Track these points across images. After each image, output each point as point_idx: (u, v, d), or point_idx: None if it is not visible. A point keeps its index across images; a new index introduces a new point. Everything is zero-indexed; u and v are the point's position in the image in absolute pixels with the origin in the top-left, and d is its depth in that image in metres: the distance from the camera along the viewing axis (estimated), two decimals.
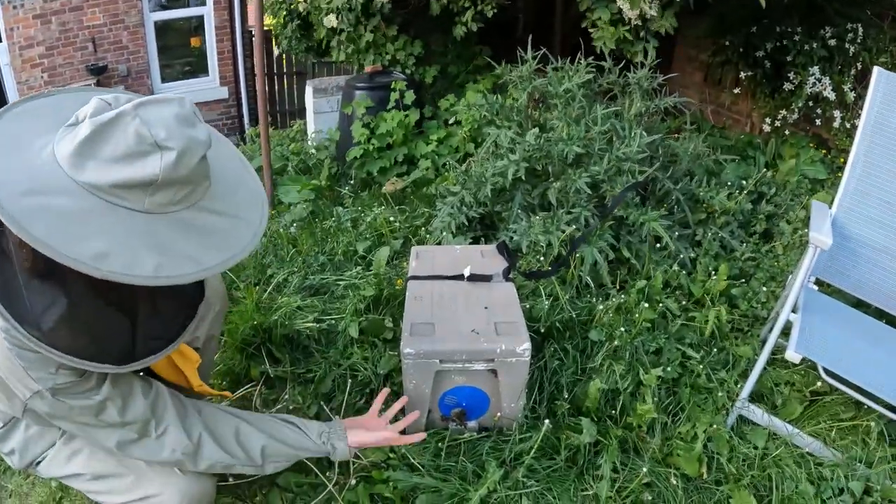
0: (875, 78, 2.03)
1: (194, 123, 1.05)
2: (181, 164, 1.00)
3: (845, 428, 1.98)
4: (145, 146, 0.97)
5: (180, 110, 1.03)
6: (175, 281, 1.01)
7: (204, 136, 1.05)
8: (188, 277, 1.03)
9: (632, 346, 2.14)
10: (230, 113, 8.19)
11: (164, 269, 0.99)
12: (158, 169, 0.98)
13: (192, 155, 1.01)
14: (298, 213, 3.45)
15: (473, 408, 1.97)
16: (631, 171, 2.48)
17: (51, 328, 1.06)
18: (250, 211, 1.19)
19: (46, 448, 1.41)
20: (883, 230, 2.04)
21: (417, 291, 2.08)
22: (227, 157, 1.25)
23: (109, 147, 0.97)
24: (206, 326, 1.65)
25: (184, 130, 1.01)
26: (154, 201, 1.01)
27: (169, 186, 1.01)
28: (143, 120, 0.97)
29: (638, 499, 1.80)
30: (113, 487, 1.41)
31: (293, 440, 1.50)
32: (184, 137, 1.00)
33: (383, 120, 3.84)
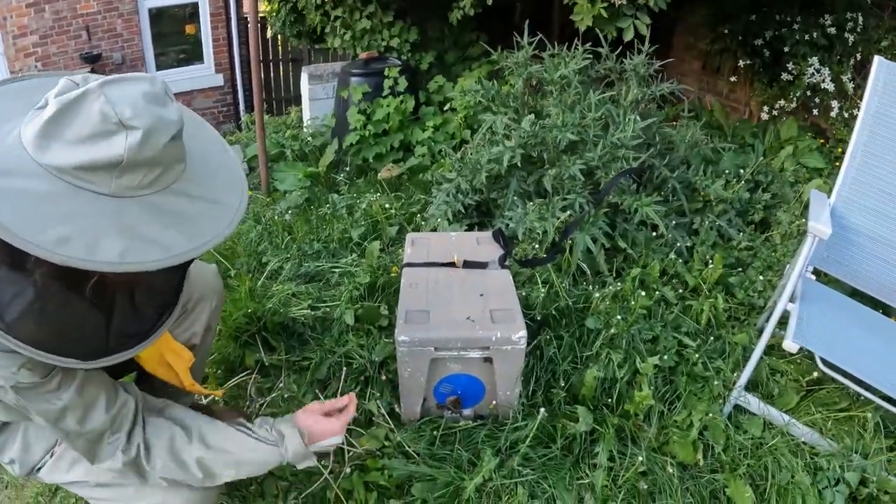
0: (875, 67, 2.02)
1: (164, 103, 1.00)
2: (147, 145, 0.94)
3: (841, 418, 1.98)
4: (110, 125, 0.92)
5: (150, 88, 0.98)
6: (141, 267, 0.95)
7: (174, 116, 0.99)
8: (155, 264, 0.97)
9: (628, 335, 2.13)
10: (226, 100, 8.15)
11: (130, 254, 0.94)
12: (123, 149, 0.93)
13: (159, 135, 0.96)
14: (294, 200, 3.43)
15: (469, 396, 1.96)
16: (625, 157, 2.47)
17: (15, 318, 1.00)
18: (229, 195, 1.13)
19: (45, 454, 1.38)
20: (881, 220, 2.03)
21: (412, 279, 2.06)
22: (208, 140, 1.20)
23: (73, 127, 0.93)
24: (202, 323, 1.62)
25: (152, 109, 0.96)
26: (121, 184, 0.96)
27: (136, 168, 0.96)
28: (108, 98, 0.93)
29: (634, 487, 1.80)
30: (115, 496, 1.38)
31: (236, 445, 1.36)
32: (151, 116, 0.95)
33: (379, 106, 3.81)
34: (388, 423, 1.98)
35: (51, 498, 1.80)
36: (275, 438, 1.38)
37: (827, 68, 3.63)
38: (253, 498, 1.80)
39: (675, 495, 1.78)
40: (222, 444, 1.33)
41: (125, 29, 7.23)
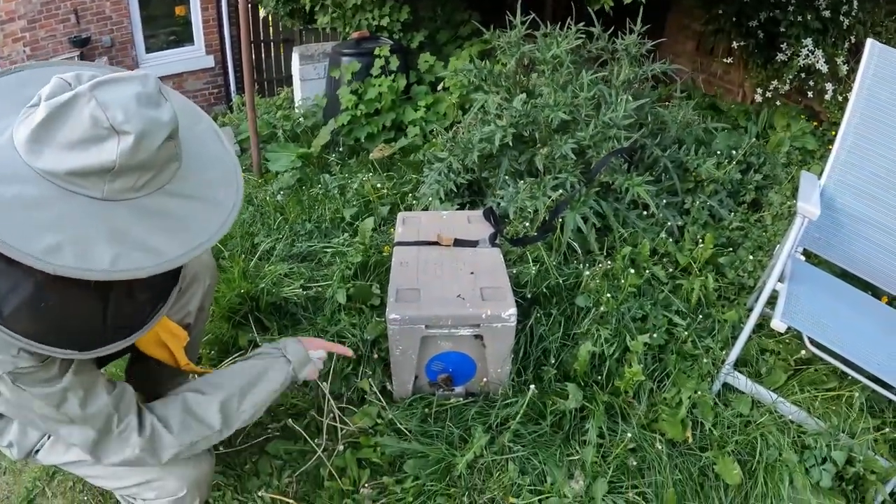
0: (868, 50, 2.01)
1: (158, 103, 0.98)
2: (140, 149, 0.93)
3: (829, 398, 2.00)
4: (101, 130, 0.91)
5: (142, 89, 0.96)
6: (133, 275, 0.95)
7: (167, 117, 0.98)
8: (147, 271, 0.96)
9: (618, 313, 2.14)
10: (216, 82, 8.07)
11: (122, 261, 0.94)
12: (115, 155, 0.91)
13: (152, 138, 0.95)
14: (286, 181, 3.41)
15: (460, 373, 1.97)
16: (617, 136, 2.46)
17: (12, 312, 1.00)
18: (223, 193, 1.11)
19: (42, 436, 1.38)
20: (871, 202, 2.04)
21: (403, 257, 2.06)
22: (203, 132, 1.19)
23: (64, 132, 0.91)
24: (196, 302, 1.62)
25: (144, 112, 0.94)
26: (114, 188, 0.95)
27: (129, 172, 0.95)
28: (98, 102, 0.91)
29: (623, 464, 1.82)
30: (113, 473, 1.39)
31: (247, 370, 1.42)
32: (143, 119, 0.93)
33: (371, 86, 3.79)
34: (381, 401, 2.00)
35: (48, 482, 1.81)
36: (275, 348, 1.47)
37: (821, 50, 3.63)
38: (248, 477, 1.81)
39: (664, 472, 1.80)
40: (231, 379, 1.38)
41: (114, 11, 7.13)
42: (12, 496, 1.78)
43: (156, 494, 1.39)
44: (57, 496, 1.78)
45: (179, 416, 1.29)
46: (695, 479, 1.81)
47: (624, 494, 1.75)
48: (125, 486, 1.40)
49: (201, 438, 1.32)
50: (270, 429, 1.96)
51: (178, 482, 1.38)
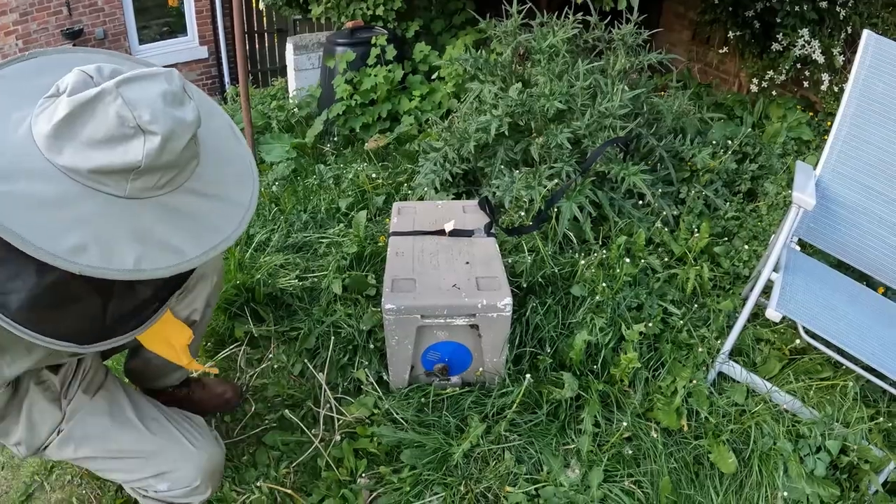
0: (864, 41, 2.01)
1: (182, 101, 0.97)
2: (166, 150, 0.92)
3: (823, 387, 2.01)
4: (127, 129, 0.89)
5: (168, 87, 0.95)
6: (157, 274, 0.94)
7: (192, 117, 0.97)
8: (170, 270, 0.96)
9: (614, 302, 2.14)
10: (210, 73, 8.03)
11: (145, 261, 0.93)
12: (141, 155, 0.90)
13: (178, 139, 0.94)
14: (281, 172, 3.40)
15: (456, 363, 1.97)
16: (613, 126, 2.46)
17: (14, 303, 0.99)
18: (240, 191, 1.11)
19: (51, 433, 1.37)
20: (866, 193, 2.04)
21: (399, 247, 2.06)
22: (220, 128, 1.17)
23: (89, 129, 0.89)
24: (202, 300, 1.61)
25: (170, 111, 0.93)
26: (136, 186, 0.94)
27: (153, 172, 0.94)
28: (125, 100, 0.89)
29: (619, 452, 1.83)
30: (126, 466, 1.40)
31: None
32: (170, 120, 0.92)
33: (366, 75, 3.77)
34: (377, 391, 2.00)
35: (46, 476, 1.81)
36: None
37: (817, 41, 3.62)
38: (246, 468, 1.82)
39: (660, 460, 1.81)
40: None
41: (106, 3, 7.07)
42: (11, 491, 1.78)
43: (169, 486, 1.39)
44: (55, 490, 1.78)
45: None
46: (690, 468, 1.82)
47: (619, 483, 1.76)
48: (137, 478, 1.41)
49: None
50: (268, 420, 1.97)
51: (193, 473, 1.38)
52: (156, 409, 1.45)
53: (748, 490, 1.77)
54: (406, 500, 1.71)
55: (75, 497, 1.74)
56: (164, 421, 1.42)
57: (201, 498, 1.44)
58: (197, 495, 1.43)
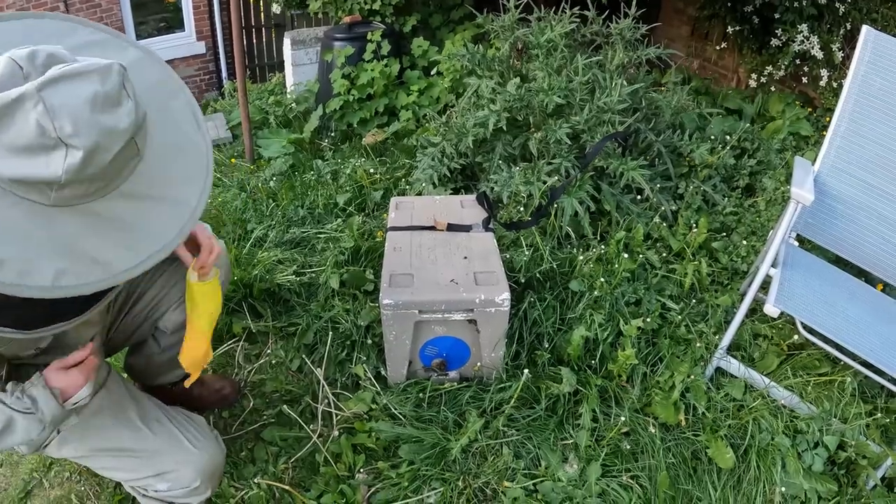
0: (863, 37, 2.01)
1: (117, 103, 0.86)
2: (91, 164, 0.84)
3: (821, 383, 2.01)
4: (47, 140, 0.80)
5: (100, 88, 0.84)
6: (76, 291, 0.87)
7: (125, 124, 0.86)
8: (92, 287, 0.88)
9: (612, 297, 2.14)
10: (208, 68, 7.99)
11: (66, 277, 0.86)
12: (61, 171, 0.82)
13: (104, 152, 0.84)
14: (278, 167, 3.39)
15: (454, 358, 1.97)
16: (611, 121, 2.45)
17: None
18: (188, 188, 1.01)
19: (50, 433, 1.35)
20: (865, 189, 2.04)
21: (397, 242, 2.06)
22: (181, 110, 1.06)
23: (10, 135, 0.81)
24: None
25: (98, 119, 0.83)
26: (62, 196, 0.86)
27: (79, 184, 0.86)
28: (47, 107, 0.79)
29: (617, 447, 1.83)
30: (127, 465, 1.39)
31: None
32: (95, 131, 0.83)
33: (363, 70, 3.76)
34: (375, 387, 2.00)
35: (45, 473, 1.81)
36: (29, 405, 1.18)
37: (816, 36, 3.61)
38: (244, 464, 1.82)
39: (658, 455, 1.81)
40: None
41: None
42: (10, 488, 1.78)
43: (169, 486, 1.39)
44: (54, 487, 1.78)
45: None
46: (688, 463, 1.82)
47: (617, 478, 1.77)
48: (137, 477, 1.41)
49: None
50: (266, 415, 1.96)
51: (193, 474, 1.38)
52: (158, 409, 1.44)
53: (746, 485, 1.78)
54: (404, 496, 1.71)
55: (74, 494, 1.74)
56: (166, 421, 1.42)
57: (201, 498, 1.44)
58: (197, 496, 1.43)
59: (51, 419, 1.19)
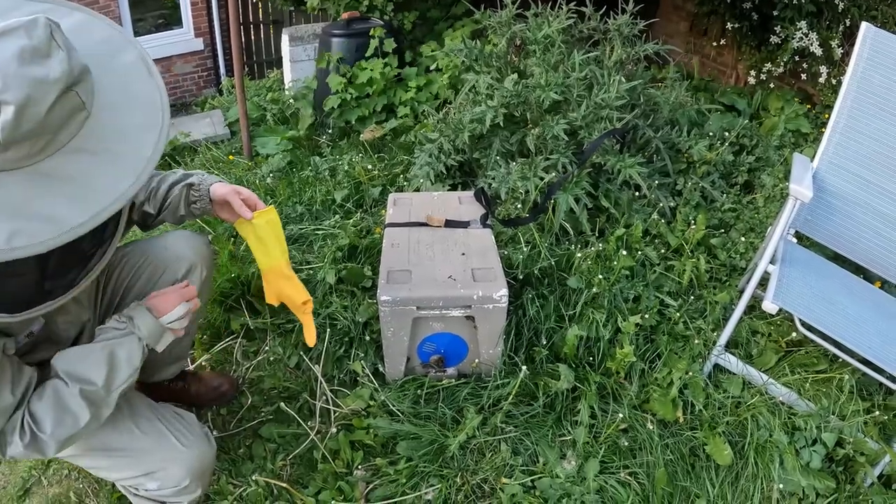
0: (863, 33, 2.00)
1: (46, 55, 0.86)
2: (24, 119, 0.83)
3: (819, 380, 2.01)
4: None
5: (27, 42, 0.84)
6: (32, 251, 0.86)
7: (57, 73, 0.86)
8: (48, 244, 0.88)
9: (610, 294, 2.14)
10: (206, 65, 7.98)
11: (19, 237, 0.85)
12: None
13: (38, 104, 0.84)
14: (276, 164, 3.38)
15: (452, 354, 1.97)
16: (609, 117, 2.45)
17: None
18: (142, 140, 0.99)
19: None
20: (864, 185, 2.04)
21: (394, 238, 2.05)
22: (132, 66, 1.04)
23: None
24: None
25: (26, 72, 0.83)
26: (6, 159, 0.86)
27: (19, 144, 0.85)
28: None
29: (615, 444, 1.83)
30: (117, 464, 1.38)
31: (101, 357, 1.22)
32: (25, 83, 0.82)
33: (362, 69, 3.75)
34: (373, 383, 2.00)
35: (44, 471, 1.81)
36: (125, 325, 1.25)
37: (815, 33, 3.61)
38: (242, 461, 1.82)
39: (656, 452, 1.81)
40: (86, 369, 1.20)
41: None
42: (9, 486, 1.78)
43: (158, 485, 1.38)
44: (53, 484, 1.77)
45: (52, 413, 1.16)
46: (686, 460, 1.82)
47: (615, 474, 1.77)
48: (127, 476, 1.40)
49: (76, 432, 1.20)
50: (264, 412, 1.96)
51: (182, 472, 1.37)
52: (147, 407, 1.42)
53: (744, 482, 1.78)
54: (402, 492, 1.71)
55: (72, 491, 1.74)
56: (155, 419, 1.40)
57: (191, 497, 1.43)
58: (186, 495, 1.42)
59: (147, 334, 1.26)
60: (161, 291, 1.32)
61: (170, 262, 1.52)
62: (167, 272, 1.53)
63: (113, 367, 1.21)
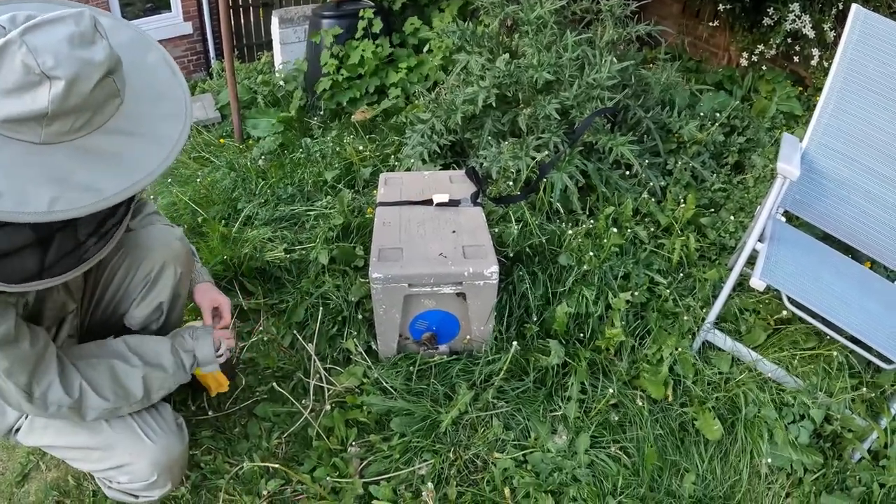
0: (853, 15, 2.00)
1: (91, 41, 0.96)
2: (73, 93, 0.93)
3: (807, 357, 2.03)
4: (33, 77, 0.90)
5: (75, 28, 0.95)
6: (72, 214, 0.95)
7: (101, 56, 0.96)
8: (86, 209, 0.96)
9: (600, 271, 2.15)
10: (195, 48, 7.90)
11: (60, 202, 0.94)
12: (47, 101, 0.91)
13: (84, 81, 0.94)
14: (267, 146, 3.37)
15: (444, 331, 1.98)
16: (601, 97, 2.45)
17: None
18: (169, 127, 1.10)
19: (20, 415, 1.38)
20: (852, 166, 2.05)
21: (386, 217, 2.06)
22: (156, 64, 1.16)
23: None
24: (167, 292, 1.57)
25: (76, 53, 0.93)
26: (51, 132, 0.95)
27: (65, 116, 0.95)
28: (29, 47, 0.90)
29: (605, 419, 1.84)
30: (88, 457, 1.41)
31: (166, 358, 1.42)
32: (75, 63, 0.92)
33: (352, 49, 3.72)
34: (366, 361, 2.01)
35: (42, 456, 1.81)
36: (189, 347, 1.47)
37: (808, 15, 3.60)
38: (238, 440, 1.82)
39: (646, 427, 1.83)
40: (152, 359, 1.40)
41: None
42: (7, 472, 1.78)
43: (129, 479, 1.40)
44: (51, 469, 1.77)
45: (109, 384, 1.31)
46: (675, 435, 1.85)
47: (606, 449, 1.79)
48: (99, 469, 1.42)
49: (124, 405, 1.34)
50: (258, 392, 1.97)
51: (149, 468, 1.38)
52: None
53: (733, 457, 1.81)
54: (396, 468, 1.73)
55: (71, 476, 1.74)
56: None
57: (161, 492, 1.45)
58: (156, 489, 1.43)
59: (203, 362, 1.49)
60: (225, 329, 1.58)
61: (142, 261, 1.52)
62: (140, 270, 1.53)
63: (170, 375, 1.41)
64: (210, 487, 1.70)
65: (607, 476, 1.72)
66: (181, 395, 1.92)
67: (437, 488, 1.69)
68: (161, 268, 1.54)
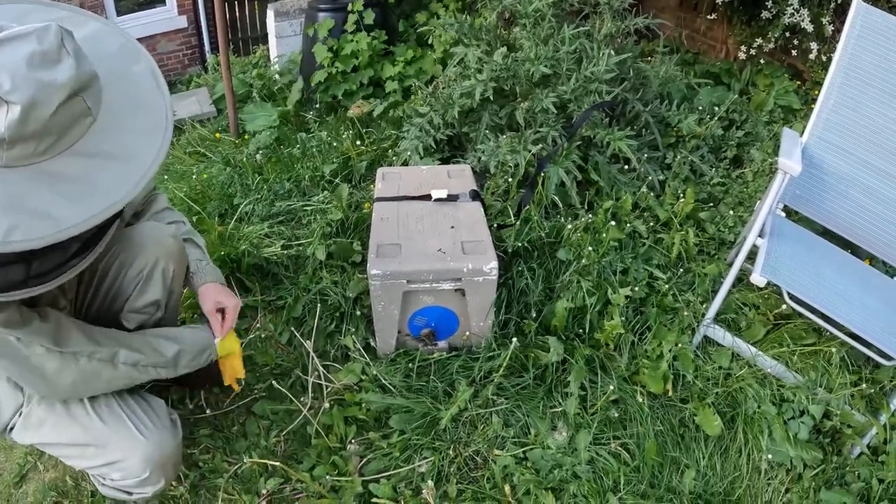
0: (854, 10, 2.00)
1: (55, 60, 0.90)
2: (31, 119, 0.88)
3: (807, 353, 2.02)
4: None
5: (37, 47, 0.89)
6: (29, 245, 0.90)
7: (64, 78, 0.90)
8: (45, 240, 0.91)
9: (599, 266, 2.14)
10: (190, 42, 7.87)
11: (16, 232, 0.89)
12: (3, 127, 0.86)
13: (44, 106, 0.88)
14: (263, 141, 3.34)
15: (443, 328, 1.97)
16: (598, 91, 2.44)
17: None
18: (146, 144, 1.03)
19: (14, 413, 1.37)
20: (852, 161, 2.04)
21: (383, 212, 2.04)
22: (141, 74, 1.10)
23: None
24: (159, 290, 1.54)
25: (35, 76, 0.87)
26: (13, 156, 0.90)
27: (24, 142, 0.89)
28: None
29: (605, 415, 1.84)
30: (81, 453, 1.39)
31: (200, 345, 1.54)
32: (33, 86, 0.87)
33: (347, 41, 3.70)
34: (365, 358, 2.00)
35: (39, 456, 1.79)
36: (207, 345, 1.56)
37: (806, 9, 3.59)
38: (236, 438, 1.81)
39: (646, 423, 1.83)
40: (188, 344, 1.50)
41: None
42: (4, 472, 1.77)
43: (121, 475, 1.38)
44: (49, 469, 1.76)
45: (140, 343, 1.39)
46: (676, 430, 1.84)
47: (606, 445, 1.78)
48: (93, 465, 1.40)
49: (150, 365, 1.39)
50: (257, 389, 1.96)
51: (142, 464, 1.37)
52: (109, 395, 1.41)
53: (733, 453, 1.80)
54: (396, 465, 1.72)
55: (69, 476, 1.73)
56: (116, 407, 1.39)
57: (154, 489, 1.43)
58: (148, 486, 1.42)
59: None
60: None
61: (135, 258, 1.50)
62: (132, 267, 1.50)
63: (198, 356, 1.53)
64: (209, 486, 1.68)
65: (608, 472, 1.72)
66: (179, 393, 1.91)
67: (437, 486, 1.68)
68: (153, 265, 1.51)
